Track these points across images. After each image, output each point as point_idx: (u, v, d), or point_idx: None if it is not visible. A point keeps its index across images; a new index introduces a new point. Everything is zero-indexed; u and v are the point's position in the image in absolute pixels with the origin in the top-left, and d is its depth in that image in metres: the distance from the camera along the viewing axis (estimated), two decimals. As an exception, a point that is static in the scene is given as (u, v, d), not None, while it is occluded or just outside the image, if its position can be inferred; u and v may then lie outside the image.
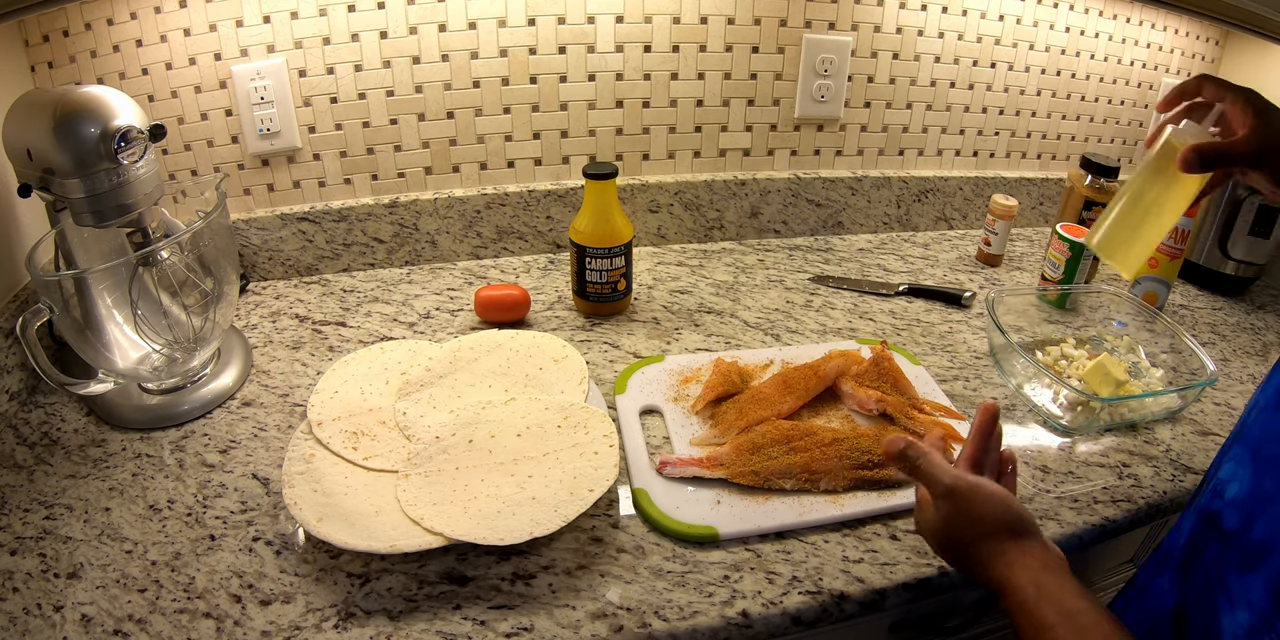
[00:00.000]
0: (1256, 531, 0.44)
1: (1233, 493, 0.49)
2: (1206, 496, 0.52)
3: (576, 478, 0.66)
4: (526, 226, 1.10)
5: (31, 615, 0.58)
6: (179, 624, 0.58)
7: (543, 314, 0.99)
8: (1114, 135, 1.33)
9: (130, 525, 0.67)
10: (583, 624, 0.59)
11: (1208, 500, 0.52)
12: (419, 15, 0.95)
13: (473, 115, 1.03)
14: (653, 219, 1.15)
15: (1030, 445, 0.81)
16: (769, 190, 1.17)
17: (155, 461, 0.74)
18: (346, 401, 0.75)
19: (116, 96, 0.69)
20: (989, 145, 1.26)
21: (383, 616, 0.59)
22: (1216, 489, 0.51)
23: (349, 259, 1.06)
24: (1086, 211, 1.10)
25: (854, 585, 0.64)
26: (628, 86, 1.06)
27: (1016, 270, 1.18)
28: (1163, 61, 1.28)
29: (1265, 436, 0.48)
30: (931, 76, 1.17)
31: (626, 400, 0.81)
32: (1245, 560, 0.45)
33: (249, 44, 0.92)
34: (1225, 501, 0.49)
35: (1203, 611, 0.48)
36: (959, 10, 1.13)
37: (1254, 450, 0.48)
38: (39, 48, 0.85)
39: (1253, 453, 0.48)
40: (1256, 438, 0.48)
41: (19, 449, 0.75)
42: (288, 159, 0.99)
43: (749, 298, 1.04)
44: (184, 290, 0.78)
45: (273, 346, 0.90)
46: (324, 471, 0.67)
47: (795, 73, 1.11)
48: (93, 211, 0.69)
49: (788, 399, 0.79)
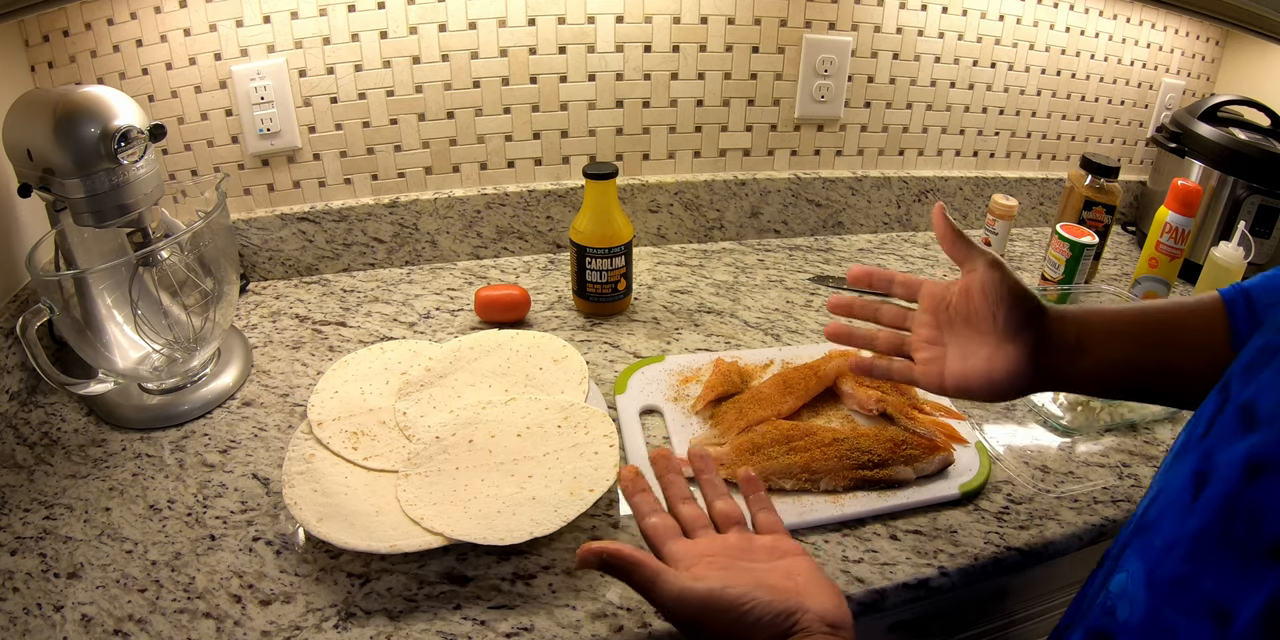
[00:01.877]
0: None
1: (1125, 615, 0.39)
2: (1096, 612, 0.42)
3: (577, 478, 0.66)
4: (526, 226, 1.10)
5: (31, 615, 0.58)
6: (179, 624, 0.58)
7: (543, 314, 0.99)
8: (1114, 135, 1.33)
9: (130, 525, 0.67)
10: (583, 624, 0.59)
11: (1097, 617, 0.42)
12: (419, 15, 0.95)
13: (473, 115, 1.03)
14: (653, 219, 1.15)
15: (1030, 445, 0.81)
16: (769, 190, 1.17)
17: (155, 461, 0.74)
18: (346, 401, 0.75)
19: (116, 96, 0.69)
20: (989, 145, 1.26)
21: (383, 616, 0.59)
22: (1106, 606, 0.41)
23: (349, 259, 1.06)
24: (1087, 211, 1.10)
25: (854, 585, 0.64)
26: (628, 86, 1.06)
27: (1017, 270, 1.17)
28: (1163, 61, 1.28)
29: (1168, 548, 0.37)
30: (931, 76, 1.17)
31: (626, 400, 0.81)
32: None
33: (249, 44, 0.92)
34: (1118, 624, 0.39)
35: None
36: (959, 10, 1.13)
37: (1150, 569, 0.38)
38: (39, 48, 0.85)
39: (1149, 572, 0.38)
40: (1157, 550, 0.38)
41: (19, 449, 0.75)
42: (288, 159, 0.99)
43: (749, 298, 1.04)
44: (184, 290, 0.78)
45: (273, 346, 0.90)
46: (324, 471, 0.67)
47: (795, 73, 1.11)
48: (93, 211, 0.69)
49: (788, 399, 0.79)
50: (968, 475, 0.74)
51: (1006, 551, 0.67)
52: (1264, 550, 0.32)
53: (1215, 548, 0.34)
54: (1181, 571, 0.36)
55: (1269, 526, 0.32)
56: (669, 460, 0.60)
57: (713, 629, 0.46)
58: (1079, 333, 0.56)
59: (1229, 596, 0.32)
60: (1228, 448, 0.36)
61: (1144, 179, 1.35)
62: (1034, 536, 0.69)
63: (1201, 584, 0.34)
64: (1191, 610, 0.34)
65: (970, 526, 0.70)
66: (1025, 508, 0.72)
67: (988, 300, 0.56)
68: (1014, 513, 0.71)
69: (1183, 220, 1.01)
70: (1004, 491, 0.74)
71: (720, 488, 0.59)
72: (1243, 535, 0.33)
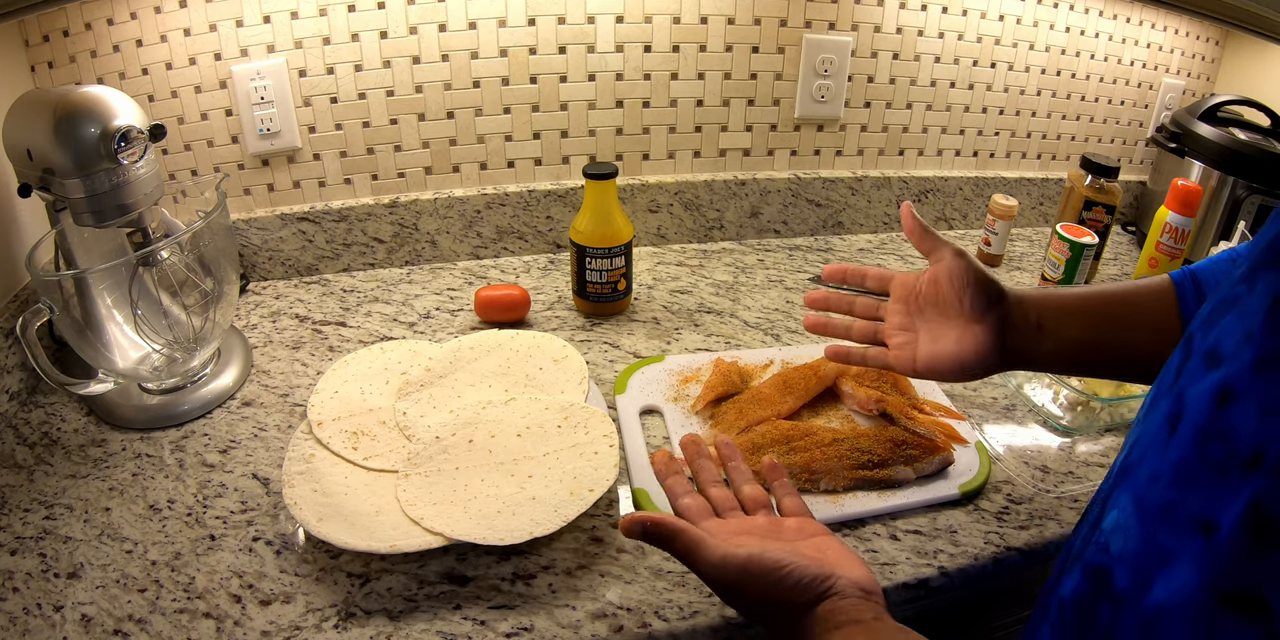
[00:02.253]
0: (1154, 594, 0.37)
1: (1119, 547, 0.41)
2: (1092, 550, 0.44)
3: (576, 478, 0.66)
4: (526, 226, 1.10)
5: (31, 615, 0.58)
6: (179, 624, 0.58)
7: (543, 314, 0.99)
8: (1114, 135, 1.33)
9: (130, 525, 0.67)
10: (583, 624, 0.59)
11: (1093, 554, 0.43)
12: (419, 15, 0.95)
13: (473, 115, 1.03)
14: (653, 219, 1.15)
15: (1030, 445, 0.81)
16: (769, 190, 1.17)
17: (155, 461, 0.74)
18: (346, 401, 0.75)
19: (116, 96, 0.69)
20: (989, 145, 1.26)
21: (383, 616, 0.59)
22: (1101, 542, 0.43)
23: (349, 259, 1.06)
24: (1087, 211, 1.10)
25: (854, 585, 0.63)
26: (628, 86, 1.06)
27: (1016, 270, 1.18)
28: (1163, 61, 1.28)
29: (1153, 479, 0.40)
30: (931, 76, 1.17)
31: (626, 400, 0.81)
32: (1142, 626, 0.38)
33: (249, 44, 0.92)
34: (1113, 556, 0.41)
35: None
36: (959, 10, 1.13)
37: (1139, 498, 0.41)
38: (39, 48, 0.85)
39: (1137, 501, 0.41)
40: (1143, 482, 0.41)
41: (19, 449, 0.75)
42: (288, 159, 0.99)
43: (749, 298, 1.04)
44: (184, 290, 0.78)
45: (273, 346, 0.90)
46: (324, 471, 0.67)
47: (795, 73, 1.11)
48: (93, 211, 0.69)
49: (788, 399, 0.79)
50: (968, 475, 0.74)
51: (1006, 551, 0.67)
52: (1241, 464, 0.34)
53: (1196, 470, 0.37)
54: (1168, 497, 0.38)
55: (1243, 443, 0.35)
56: (698, 446, 0.62)
57: (752, 592, 0.49)
58: (1039, 313, 0.61)
59: (1213, 510, 0.35)
60: (1196, 386, 0.39)
61: (1144, 179, 1.35)
62: (1034, 536, 0.69)
63: (1187, 505, 0.37)
64: (1180, 528, 0.37)
65: (970, 526, 0.70)
66: (1025, 508, 0.72)
67: (954, 286, 0.61)
68: (1014, 513, 0.71)
69: (1183, 220, 1.01)
70: (1004, 491, 0.74)
71: (747, 474, 0.62)
72: (1220, 455, 0.36)
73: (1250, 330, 0.36)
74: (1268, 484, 0.33)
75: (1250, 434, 0.35)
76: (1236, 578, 0.34)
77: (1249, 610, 0.33)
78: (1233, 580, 0.34)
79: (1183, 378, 0.41)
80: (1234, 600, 0.34)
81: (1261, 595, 0.33)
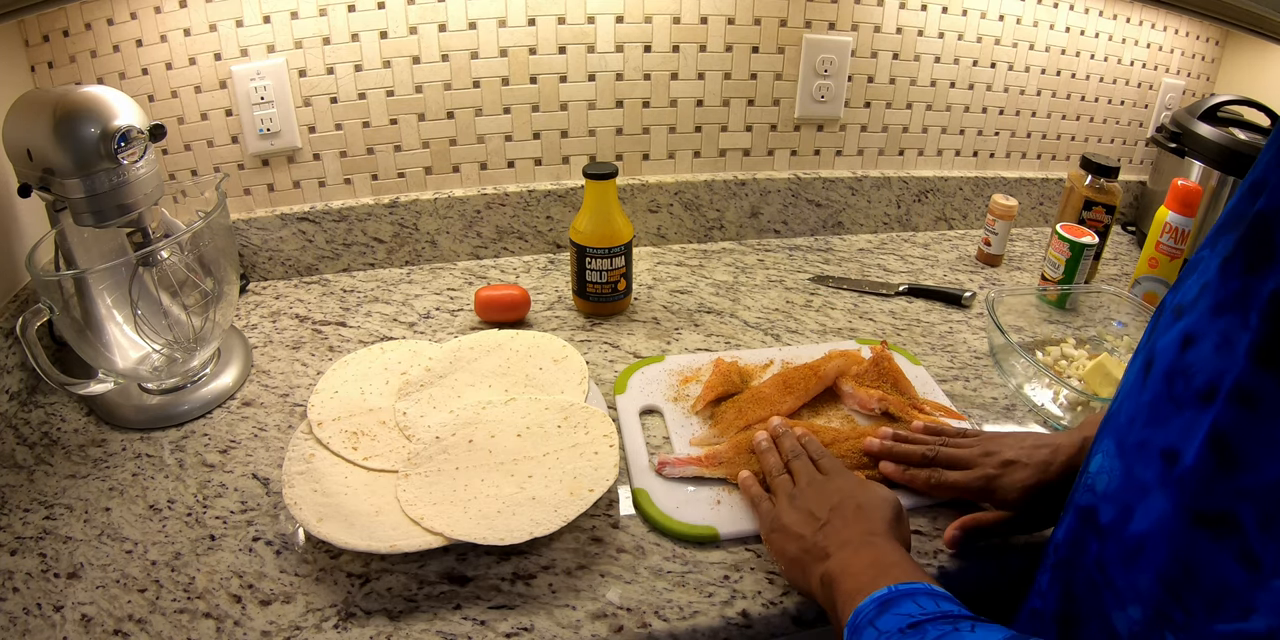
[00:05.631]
0: (1135, 524, 0.42)
1: (1104, 486, 0.46)
2: (1081, 493, 0.50)
3: (576, 478, 0.66)
4: (526, 226, 1.10)
5: (31, 615, 0.58)
6: (179, 624, 0.58)
7: (543, 314, 0.99)
8: (1114, 135, 1.33)
9: (130, 525, 0.67)
10: (583, 624, 0.59)
11: (1081, 495, 0.49)
12: (419, 15, 0.95)
13: (473, 115, 1.03)
14: (653, 219, 1.15)
15: (1030, 445, 0.80)
16: (769, 190, 1.17)
17: (155, 461, 0.74)
18: (346, 401, 0.75)
19: (116, 96, 0.69)
20: (989, 145, 1.26)
21: (383, 616, 0.59)
22: (1089, 484, 0.49)
23: (349, 259, 1.06)
24: (1086, 211, 1.10)
25: (854, 585, 0.63)
26: (628, 86, 1.06)
27: (1016, 270, 1.18)
28: (1163, 61, 1.28)
29: (1130, 421, 0.45)
30: (931, 76, 1.17)
31: (626, 400, 0.81)
32: (1127, 554, 0.43)
33: (249, 44, 0.92)
34: (1098, 495, 0.47)
35: (1093, 613, 0.46)
36: (959, 10, 1.13)
37: (1119, 440, 0.46)
38: (39, 48, 0.85)
39: (1118, 442, 0.46)
40: (1122, 425, 0.46)
41: (19, 449, 0.75)
42: (288, 159, 0.99)
43: (749, 298, 1.04)
44: (184, 290, 0.78)
45: (273, 346, 0.90)
46: (324, 471, 0.67)
47: (795, 73, 1.11)
48: (93, 211, 0.69)
49: (788, 399, 0.79)
50: (968, 475, 0.74)
51: (1006, 551, 0.67)
52: (1195, 396, 0.39)
53: (1164, 407, 0.41)
54: (1143, 436, 0.43)
55: (1198, 378, 0.39)
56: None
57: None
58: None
59: (1178, 442, 0.39)
60: (1165, 337, 0.43)
61: (1144, 179, 1.35)
62: (1033, 537, 0.69)
63: (1158, 440, 0.41)
64: (1154, 461, 0.41)
65: (970, 526, 0.69)
66: (1025, 508, 0.72)
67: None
68: (1014, 513, 0.71)
69: (1183, 220, 1.01)
70: (1004, 491, 0.74)
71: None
72: (1182, 391, 0.40)
73: (1207, 281, 0.40)
74: (1224, 412, 0.37)
75: (1207, 369, 0.39)
76: (1206, 501, 0.38)
77: (1220, 529, 0.37)
78: (1203, 503, 0.38)
79: (1155, 333, 0.45)
80: (1206, 520, 0.38)
81: (1234, 514, 0.36)
